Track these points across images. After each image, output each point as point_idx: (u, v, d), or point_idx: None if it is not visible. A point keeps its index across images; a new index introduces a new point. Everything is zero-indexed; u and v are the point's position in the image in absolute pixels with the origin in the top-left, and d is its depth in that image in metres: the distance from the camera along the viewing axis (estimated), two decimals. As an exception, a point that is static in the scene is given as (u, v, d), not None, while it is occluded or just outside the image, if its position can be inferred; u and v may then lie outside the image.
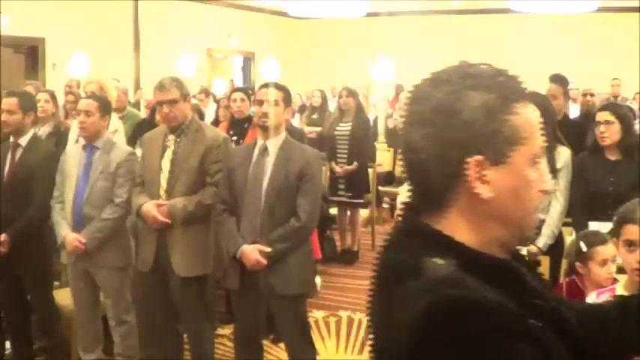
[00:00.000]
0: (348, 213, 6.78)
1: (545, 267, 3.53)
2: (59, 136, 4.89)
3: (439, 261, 0.94)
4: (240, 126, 4.87)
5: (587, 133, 4.06)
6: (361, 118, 6.75)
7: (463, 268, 0.93)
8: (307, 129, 7.55)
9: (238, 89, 5.46)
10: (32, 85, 6.66)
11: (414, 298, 0.89)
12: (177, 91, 3.53)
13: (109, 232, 3.65)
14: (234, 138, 4.59)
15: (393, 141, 8.63)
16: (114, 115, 4.71)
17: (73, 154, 3.77)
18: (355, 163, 6.46)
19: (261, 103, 3.39)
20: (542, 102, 3.83)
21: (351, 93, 6.72)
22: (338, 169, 6.48)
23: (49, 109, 4.89)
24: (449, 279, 0.91)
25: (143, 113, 7.28)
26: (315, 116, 8.00)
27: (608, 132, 3.79)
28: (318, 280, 5.48)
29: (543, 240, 3.72)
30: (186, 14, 13.17)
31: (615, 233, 2.18)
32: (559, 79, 5.31)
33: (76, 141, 4.30)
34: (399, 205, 2.87)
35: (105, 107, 3.76)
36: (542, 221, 3.76)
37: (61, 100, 5.67)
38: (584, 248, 3.11)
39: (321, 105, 8.04)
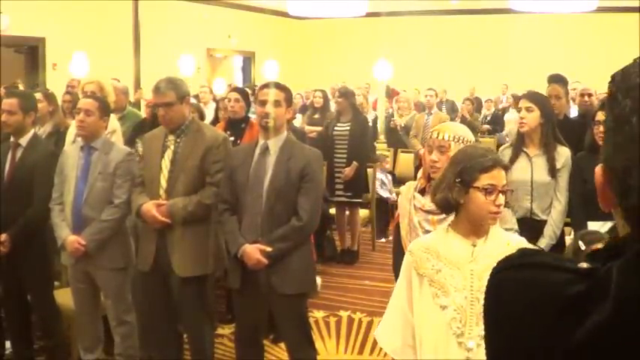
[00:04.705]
0: (347, 213, 6.79)
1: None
2: (59, 136, 4.89)
3: None
4: (237, 126, 4.88)
5: (586, 133, 4.06)
6: (359, 119, 6.75)
7: None
8: (308, 129, 7.56)
9: (234, 89, 5.46)
10: (19, 84, 6.66)
11: None
12: (173, 93, 3.53)
13: (108, 233, 3.65)
14: (232, 138, 4.59)
15: (393, 141, 8.64)
16: (112, 116, 4.72)
17: (71, 154, 3.76)
18: (354, 163, 6.47)
19: (262, 103, 3.39)
20: (541, 102, 3.84)
21: (343, 94, 6.72)
22: (342, 174, 6.47)
23: (43, 108, 4.89)
24: None
25: (144, 113, 7.28)
26: (316, 116, 8.01)
27: (608, 132, 3.79)
28: (318, 280, 5.49)
29: (545, 240, 3.72)
30: (186, 14, 13.18)
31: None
32: (560, 79, 5.32)
33: (74, 141, 4.30)
34: (400, 203, 2.87)
35: (105, 108, 3.76)
36: (544, 222, 3.76)
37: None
38: (582, 247, 3.12)
39: (322, 105, 8.05)
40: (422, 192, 2.74)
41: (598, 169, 0.94)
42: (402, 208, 2.82)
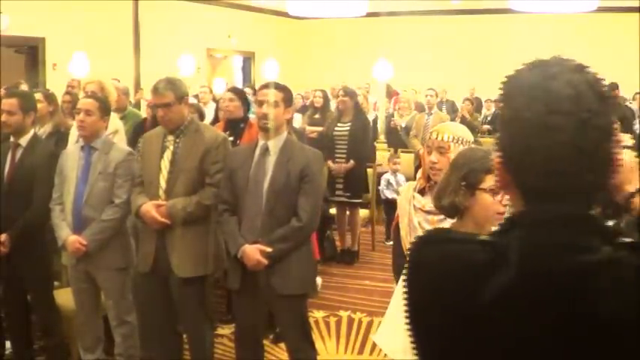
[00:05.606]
0: (347, 213, 6.79)
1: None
2: (59, 136, 4.89)
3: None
4: (236, 126, 4.88)
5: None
6: (360, 119, 6.74)
7: None
8: (309, 129, 7.56)
9: (230, 89, 5.48)
10: (22, 84, 6.64)
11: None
12: (172, 94, 3.53)
13: (109, 233, 3.65)
14: (231, 138, 4.60)
15: (393, 141, 8.63)
16: (114, 116, 4.72)
17: (72, 155, 3.76)
18: (352, 161, 6.46)
19: (261, 103, 3.39)
20: None
21: (348, 93, 6.72)
22: (333, 166, 6.45)
23: (43, 108, 4.88)
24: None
25: (144, 113, 7.28)
26: (317, 116, 8.01)
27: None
28: (318, 280, 5.49)
29: None
30: (186, 14, 13.17)
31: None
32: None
33: (77, 141, 4.30)
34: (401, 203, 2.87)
35: (105, 108, 3.76)
36: None
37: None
38: None
39: (323, 105, 8.05)
40: (421, 192, 2.74)
41: (495, 156, 1.10)
42: (401, 208, 2.82)
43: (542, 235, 1.02)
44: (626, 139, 1.28)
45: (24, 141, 3.91)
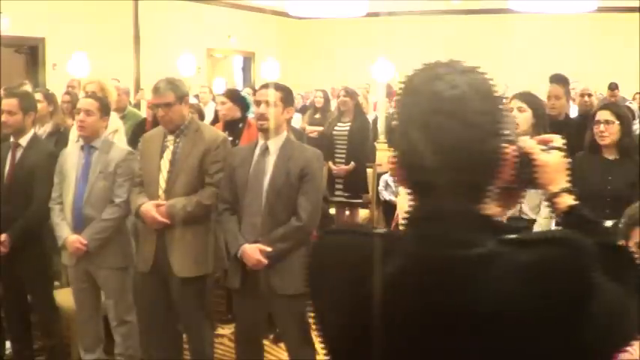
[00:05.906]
0: (347, 213, 6.78)
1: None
2: (59, 136, 4.89)
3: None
4: (234, 126, 4.90)
5: (586, 133, 4.07)
6: (360, 119, 6.74)
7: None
8: (309, 129, 7.56)
9: (223, 92, 5.54)
10: (26, 85, 6.64)
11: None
12: (173, 94, 3.53)
13: (109, 232, 3.66)
14: (230, 138, 4.60)
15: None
16: (114, 115, 4.72)
17: (71, 154, 3.77)
18: (352, 163, 6.46)
19: (259, 104, 3.40)
20: (534, 102, 3.83)
21: (349, 93, 6.72)
22: (334, 168, 6.46)
23: (43, 108, 4.88)
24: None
25: (144, 113, 7.28)
26: (317, 116, 8.00)
27: (608, 131, 3.80)
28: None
29: None
30: (186, 14, 13.17)
31: (624, 236, 2.20)
32: (560, 79, 5.31)
33: (77, 141, 4.31)
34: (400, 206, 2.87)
35: (105, 108, 3.77)
36: (534, 221, 3.76)
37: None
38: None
39: (323, 105, 8.05)
40: (421, 192, 2.74)
41: (391, 152, 1.15)
42: (401, 208, 2.82)
43: (426, 229, 1.08)
44: (556, 139, 1.31)
45: (24, 141, 3.91)
